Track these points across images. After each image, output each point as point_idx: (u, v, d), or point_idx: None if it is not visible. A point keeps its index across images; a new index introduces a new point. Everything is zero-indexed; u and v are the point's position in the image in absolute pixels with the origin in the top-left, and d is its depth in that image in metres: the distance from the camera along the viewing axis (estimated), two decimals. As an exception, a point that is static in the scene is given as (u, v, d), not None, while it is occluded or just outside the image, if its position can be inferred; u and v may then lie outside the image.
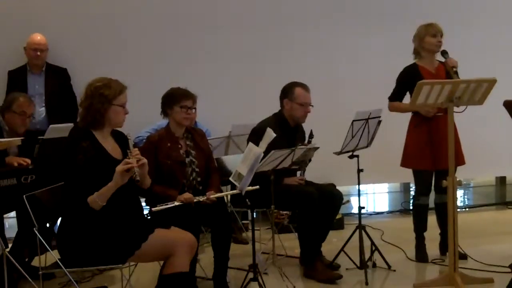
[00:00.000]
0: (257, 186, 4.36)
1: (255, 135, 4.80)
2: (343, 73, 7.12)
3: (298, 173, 5.31)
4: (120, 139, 3.87)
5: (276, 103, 5.27)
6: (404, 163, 5.31)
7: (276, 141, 4.31)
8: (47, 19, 6.45)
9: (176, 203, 4.34)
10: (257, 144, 4.19)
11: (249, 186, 4.17)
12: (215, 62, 6.85)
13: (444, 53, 5.14)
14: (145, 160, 3.72)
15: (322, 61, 7.06)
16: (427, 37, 5.18)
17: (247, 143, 4.95)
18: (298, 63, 6.88)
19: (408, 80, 5.14)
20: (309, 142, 5.08)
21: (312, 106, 5.21)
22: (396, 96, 5.30)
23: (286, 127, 5.15)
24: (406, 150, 5.29)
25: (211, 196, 4.49)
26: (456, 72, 4.95)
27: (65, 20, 6.55)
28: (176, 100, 4.63)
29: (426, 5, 7.04)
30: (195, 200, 4.42)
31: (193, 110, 4.72)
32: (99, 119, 3.72)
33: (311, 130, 5.13)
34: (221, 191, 4.73)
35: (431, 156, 5.11)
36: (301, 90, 5.17)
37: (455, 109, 4.62)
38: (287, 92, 5.21)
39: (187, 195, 4.42)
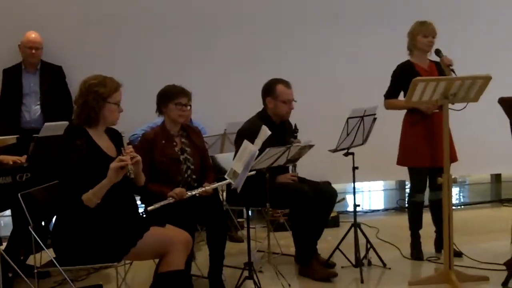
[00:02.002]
0: (254, 172, 4.35)
1: (243, 137, 4.72)
2: (339, 72, 7.12)
3: (290, 168, 5.29)
4: (115, 136, 3.88)
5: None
6: (402, 161, 5.30)
7: (266, 140, 4.30)
8: (42, 17, 6.43)
9: (170, 200, 4.33)
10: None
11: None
12: (212, 61, 6.84)
13: (438, 52, 5.13)
14: (139, 157, 3.71)
15: (319, 60, 7.06)
16: (419, 37, 5.19)
17: (235, 145, 4.96)
18: (295, 61, 6.89)
19: (403, 77, 5.14)
20: (295, 136, 5.08)
21: (296, 101, 5.19)
22: (391, 94, 5.30)
23: (272, 125, 5.09)
24: (403, 148, 5.28)
25: (207, 187, 4.48)
26: (452, 70, 4.95)
27: (60, 18, 6.53)
28: (170, 97, 4.63)
29: (426, 5, 7.03)
30: (188, 194, 4.41)
31: (188, 107, 4.72)
32: (94, 117, 3.72)
33: (295, 124, 5.13)
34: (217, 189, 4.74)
35: (429, 153, 5.10)
36: (283, 87, 5.13)
37: (454, 106, 4.62)
38: (269, 90, 5.17)
39: (178, 190, 4.41)
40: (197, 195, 4.45)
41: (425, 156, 5.12)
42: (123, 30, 6.68)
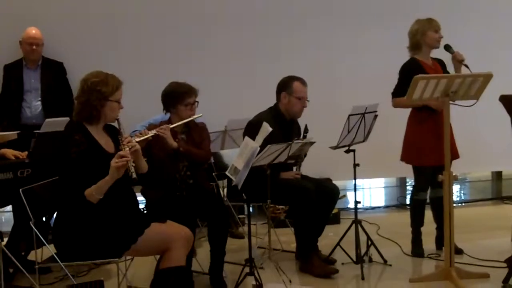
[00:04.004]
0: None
1: (252, 129, 4.77)
2: (340, 69, 7.12)
3: (294, 168, 5.30)
4: (113, 133, 3.86)
5: (272, 99, 5.26)
6: (409, 160, 5.27)
7: (273, 135, 4.30)
8: (43, 13, 6.42)
9: (152, 133, 4.23)
10: (253, 137, 4.19)
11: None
12: (212, 57, 6.83)
13: (448, 48, 5.13)
14: (138, 146, 3.72)
15: (319, 58, 7.05)
16: (430, 32, 5.17)
17: (243, 136, 4.95)
18: (296, 59, 6.87)
19: (412, 74, 5.00)
20: (305, 136, 5.09)
21: (308, 101, 5.20)
22: (400, 92, 5.16)
23: (282, 121, 5.13)
24: (410, 146, 5.23)
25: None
26: (466, 66, 4.95)
27: (60, 14, 6.53)
28: (179, 99, 4.63)
29: (426, 3, 7.01)
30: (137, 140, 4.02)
31: (196, 104, 4.72)
32: (95, 114, 3.72)
33: (306, 125, 5.13)
34: (192, 152, 4.66)
35: (437, 152, 5.04)
36: (299, 84, 5.15)
37: (463, 102, 4.63)
38: (285, 85, 5.18)
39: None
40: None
41: (433, 155, 5.05)
42: (124, 27, 6.68)
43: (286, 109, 5.18)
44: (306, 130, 5.13)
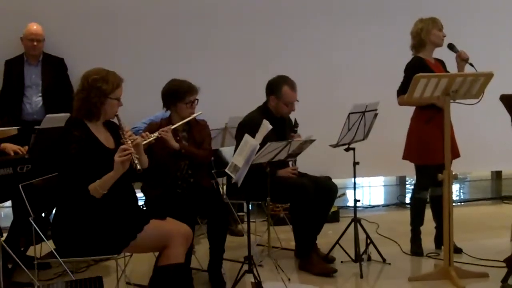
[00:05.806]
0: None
1: (243, 130, 4.75)
2: (341, 67, 7.12)
3: (290, 163, 5.29)
4: (113, 128, 3.86)
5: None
6: (416, 159, 5.24)
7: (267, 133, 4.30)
8: (44, 9, 6.42)
9: (154, 135, 4.23)
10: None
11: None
12: (213, 55, 6.83)
13: (452, 47, 5.12)
14: (138, 140, 3.73)
15: (320, 55, 7.06)
16: (435, 30, 5.17)
17: (236, 139, 4.96)
18: (296, 56, 6.88)
19: (418, 72, 4.97)
20: (295, 131, 5.09)
21: (298, 101, 5.18)
22: (406, 89, 5.10)
23: (273, 119, 5.07)
24: (418, 145, 5.18)
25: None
26: (471, 64, 4.94)
27: (62, 10, 6.52)
28: (180, 97, 4.61)
29: (426, 2, 6.99)
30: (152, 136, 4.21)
31: (196, 102, 4.72)
32: (95, 111, 3.71)
33: (295, 119, 5.14)
34: (194, 154, 4.66)
35: (443, 149, 4.98)
36: (288, 90, 5.11)
37: (465, 101, 4.64)
38: (274, 89, 5.15)
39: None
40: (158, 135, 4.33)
41: (440, 153, 4.93)
42: (124, 23, 6.67)
43: (275, 110, 5.17)
44: (296, 125, 5.14)
